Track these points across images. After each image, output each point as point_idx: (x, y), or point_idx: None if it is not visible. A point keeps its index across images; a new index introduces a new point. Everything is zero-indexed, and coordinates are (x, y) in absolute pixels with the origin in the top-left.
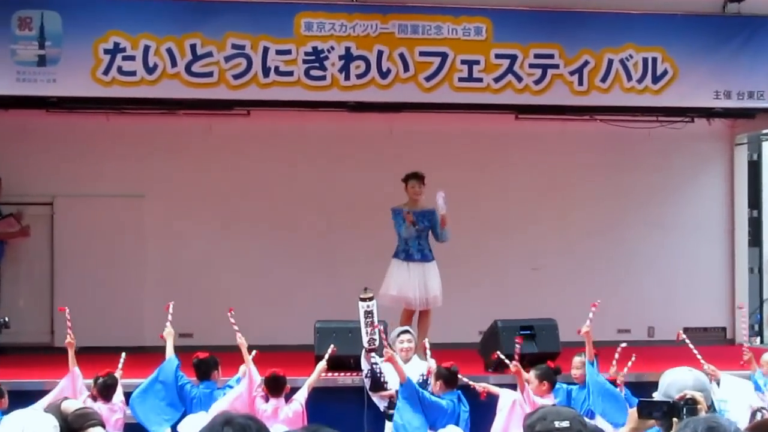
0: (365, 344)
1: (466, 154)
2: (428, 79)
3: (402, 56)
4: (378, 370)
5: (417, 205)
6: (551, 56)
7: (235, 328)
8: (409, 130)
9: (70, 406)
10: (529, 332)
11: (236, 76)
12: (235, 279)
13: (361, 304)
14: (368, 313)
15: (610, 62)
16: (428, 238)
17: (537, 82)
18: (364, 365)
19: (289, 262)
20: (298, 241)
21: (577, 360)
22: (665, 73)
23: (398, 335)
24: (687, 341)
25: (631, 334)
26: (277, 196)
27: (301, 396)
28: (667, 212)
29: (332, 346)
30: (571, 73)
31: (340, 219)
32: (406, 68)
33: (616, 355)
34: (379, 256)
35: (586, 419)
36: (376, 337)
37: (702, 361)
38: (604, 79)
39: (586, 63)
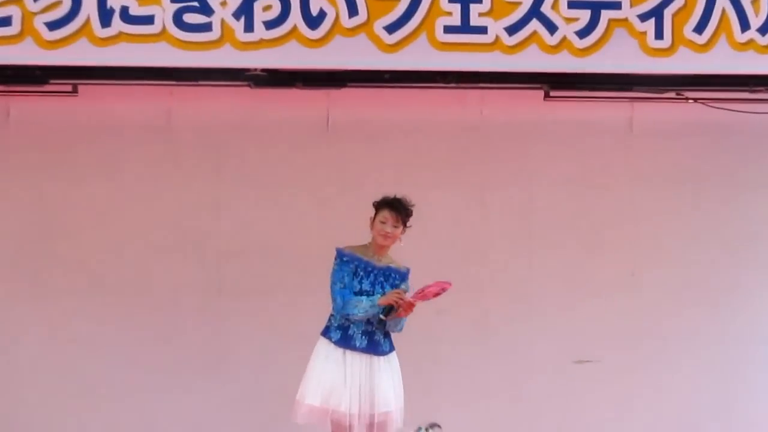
0: None
1: (460, 163)
2: (391, 29)
3: None
4: None
5: (381, 255)
6: None
7: None
8: (359, 118)
9: None
10: None
11: (53, 25)
12: (46, 387)
13: None
14: None
15: None
16: (382, 312)
17: (582, 33)
18: None
19: (148, 353)
20: (165, 315)
21: None
22: None
23: None
24: None
25: None
26: (125, 234)
27: None
28: None
29: None
30: (642, 18)
31: (240, 274)
32: (352, 10)
33: None
34: (303, 338)
35: None
36: None
37: None
38: (699, 29)
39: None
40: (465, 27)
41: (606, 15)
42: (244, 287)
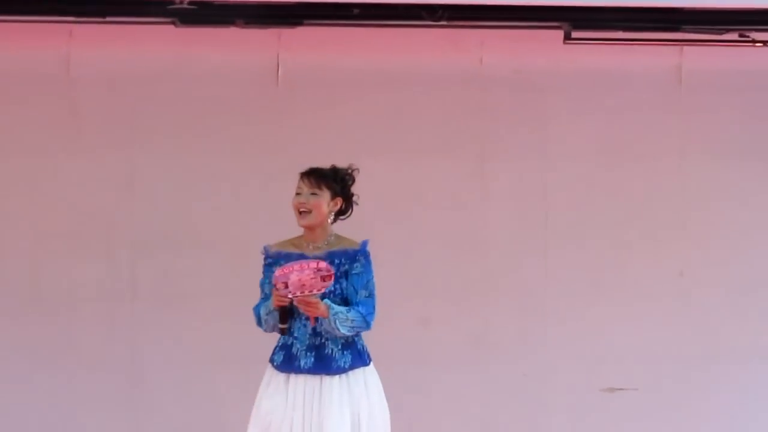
0: None
1: (453, 126)
2: None
3: None
4: None
5: (317, 240)
6: None
7: None
8: (320, 67)
9: None
10: None
11: None
12: None
13: None
14: None
15: None
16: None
17: None
18: None
19: (39, 377)
20: (61, 327)
21: None
22: None
23: None
24: None
25: None
26: (8, 221)
27: None
28: None
29: None
30: None
31: (160, 273)
32: None
33: None
34: (242, 358)
35: None
36: None
37: None
38: None
39: None
40: None
41: None
42: (166, 290)
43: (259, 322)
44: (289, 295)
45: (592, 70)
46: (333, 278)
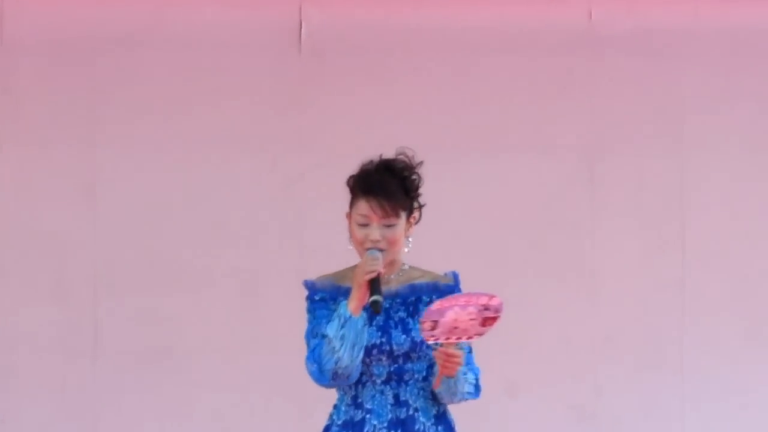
0: None
1: (550, 107)
2: None
3: None
4: None
5: (386, 272)
6: None
7: None
8: (359, 26)
9: None
10: None
11: None
12: None
13: None
14: None
15: None
16: (426, 375)
17: None
18: None
19: None
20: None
21: None
22: None
23: None
24: None
25: None
26: None
27: None
28: None
29: None
30: None
31: (134, 320)
32: None
33: None
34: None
35: None
36: None
37: None
38: None
39: None
40: None
41: None
42: (140, 344)
43: (321, 371)
44: (431, 340)
45: (744, 30)
46: (497, 322)
